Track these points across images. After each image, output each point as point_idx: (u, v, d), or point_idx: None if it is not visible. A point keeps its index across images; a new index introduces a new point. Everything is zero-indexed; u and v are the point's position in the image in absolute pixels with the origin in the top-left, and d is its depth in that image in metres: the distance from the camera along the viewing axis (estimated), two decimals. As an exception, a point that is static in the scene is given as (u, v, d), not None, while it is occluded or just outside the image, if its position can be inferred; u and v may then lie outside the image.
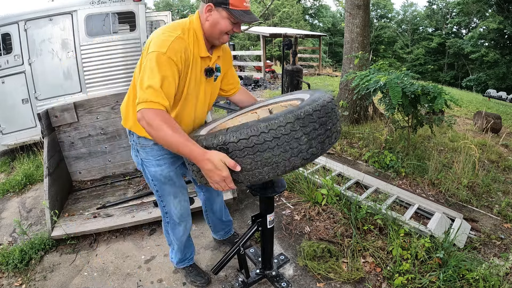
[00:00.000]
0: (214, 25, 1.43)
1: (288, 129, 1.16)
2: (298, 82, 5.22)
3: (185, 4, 46.89)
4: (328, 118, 1.28)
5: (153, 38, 1.39)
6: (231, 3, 1.37)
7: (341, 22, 33.33)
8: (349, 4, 5.13)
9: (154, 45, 1.35)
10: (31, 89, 4.60)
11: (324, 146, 1.27)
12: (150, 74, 1.30)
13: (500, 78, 23.70)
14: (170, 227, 1.83)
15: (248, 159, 1.17)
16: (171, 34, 1.38)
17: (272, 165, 1.18)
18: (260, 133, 1.15)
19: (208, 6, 1.40)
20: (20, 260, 2.21)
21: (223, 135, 1.20)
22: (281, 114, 1.19)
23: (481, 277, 1.89)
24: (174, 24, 1.45)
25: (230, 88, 1.79)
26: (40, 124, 2.86)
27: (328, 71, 16.50)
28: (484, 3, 22.94)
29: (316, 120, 1.22)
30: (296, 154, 1.19)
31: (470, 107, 8.75)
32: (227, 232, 2.31)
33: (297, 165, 1.22)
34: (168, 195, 1.71)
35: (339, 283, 1.99)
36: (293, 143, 1.17)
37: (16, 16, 4.36)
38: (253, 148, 1.16)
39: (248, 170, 1.20)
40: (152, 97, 1.27)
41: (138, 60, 1.51)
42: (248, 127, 1.17)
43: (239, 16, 1.39)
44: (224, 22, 1.42)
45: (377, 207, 2.59)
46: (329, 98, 1.34)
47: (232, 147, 1.18)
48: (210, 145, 1.23)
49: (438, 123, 3.52)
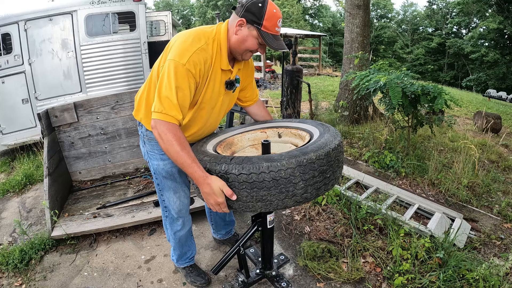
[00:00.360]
0: (242, 41, 1.42)
1: (288, 173, 1.19)
2: (298, 82, 5.21)
3: (185, 4, 46.87)
4: (329, 166, 1.30)
5: (177, 41, 1.39)
6: (264, 25, 1.36)
7: (341, 22, 33.32)
8: (349, 4, 5.13)
9: (176, 53, 1.34)
10: (31, 89, 4.60)
11: (319, 192, 1.30)
12: (168, 83, 1.32)
13: (500, 78, 23.70)
14: (168, 222, 1.84)
15: (245, 192, 1.23)
16: (194, 44, 1.37)
17: (266, 202, 1.24)
18: (260, 172, 1.19)
19: (240, 20, 1.39)
20: (20, 260, 2.21)
21: (227, 165, 1.25)
22: (285, 157, 1.21)
23: (481, 277, 1.89)
24: (200, 32, 1.43)
25: (247, 99, 1.80)
26: (40, 124, 2.86)
27: (328, 71, 16.50)
28: (484, 3, 22.94)
29: (317, 168, 1.24)
30: (290, 196, 1.23)
31: (470, 107, 8.75)
32: (228, 233, 2.30)
33: (289, 206, 1.28)
34: (168, 189, 1.72)
35: (339, 283, 1.99)
36: (290, 187, 1.22)
37: (16, 16, 4.37)
38: (251, 184, 1.21)
39: (242, 201, 1.27)
40: (167, 109, 1.32)
41: (138, 60, 1.52)
42: (251, 163, 1.21)
43: (268, 40, 1.38)
44: (252, 41, 1.42)
45: (377, 207, 2.59)
46: (335, 145, 1.34)
47: (232, 178, 1.23)
48: (212, 170, 1.29)
49: (438, 123, 3.51)
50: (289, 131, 1.70)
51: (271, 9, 1.37)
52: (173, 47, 1.38)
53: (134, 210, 2.63)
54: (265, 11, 1.35)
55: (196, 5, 40.42)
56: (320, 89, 9.84)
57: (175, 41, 1.40)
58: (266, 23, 1.36)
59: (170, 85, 1.32)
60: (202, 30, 1.45)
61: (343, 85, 5.35)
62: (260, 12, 1.35)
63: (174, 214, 1.79)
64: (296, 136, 1.67)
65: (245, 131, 1.76)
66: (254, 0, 1.37)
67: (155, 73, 1.48)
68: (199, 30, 1.45)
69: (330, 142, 1.34)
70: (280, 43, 1.42)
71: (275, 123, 1.77)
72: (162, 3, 44.22)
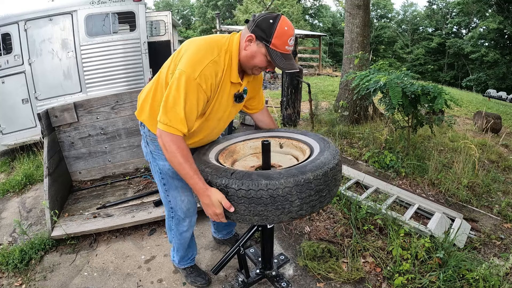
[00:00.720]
0: (251, 57, 1.40)
1: (285, 192, 1.23)
2: (298, 82, 5.22)
3: (185, 4, 46.86)
4: (326, 186, 1.33)
5: (190, 50, 1.36)
6: (273, 43, 1.33)
7: (341, 22, 33.31)
8: (349, 4, 5.13)
9: (188, 64, 1.32)
10: (31, 89, 4.60)
11: (314, 209, 1.34)
12: (176, 95, 1.31)
13: (500, 78, 23.70)
14: (174, 223, 1.81)
15: (243, 206, 1.28)
16: (207, 55, 1.34)
17: (262, 217, 1.28)
18: (259, 189, 1.22)
19: (250, 36, 1.36)
20: (20, 260, 2.21)
21: (227, 179, 1.28)
22: (283, 175, 1.24)
23: (481, 277, 1.89)
24: (214, 41, 1.40)
25: (253, 107, 1.80)
26: (40, 124, 2.86)
27: (328, 71, 16.51)
28: (484, 3, 22.93)
29: (313, 187, 1.28)
30: (285, 213, 1.27)
31: (470, 107, 8.75)
32: (229, 233, 2.30)
33: (284, 221, 1.33)
34: (175, 189, 1.68)
35: (339, 283, 1.99)
36: (286, 204, 1.25)
37: (16, 16, 4.37)
38: (249, 199, 1.25)
39: (240, 214, 1.31)
40: (173, 122, 1.32)
41: (138, 60, 1.52)
42: (251, 179, 1.24)
43: (275, 59, 1.35)
44: (261, 58, 1.39)
45: (377, 207, 2.59)
46: (334, 164, 1.35)
47: (232, 192, 1.27)
48: (213, 183, 1.33)
49: (438, 123, 3.51)
50: (290, 142, 1.71)
51: (283, 26, 1.32)
52: (185, 55, 1.35)
53: (134, 210, 2.63)
54: (275, 29, 1.31)
55: (196, 5, 40.42)
56: (320, 89, 9.84)
57: (187, 49, 1.38)
58: (275, 41, 1.32)
59: (179, 97, 1.30)
60: (216, 40, 1.42)
61: (343, 85, 5.35)
62: (270, 29, 1.32)
63: (181, 214, 1.75)
64: (297, 149, 1.68)
65: (248, 139, 1.76)
66: (266, 16, 1.34)
67: (163, 76, 1.46)
68: (213, 39, 1.42)
69: (329, 161, 1.35)
70: (289, 63, 1.37)
71: (277, 132, 1.78)
72: (162, 3, 44.21)
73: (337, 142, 4.35)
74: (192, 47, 1.38)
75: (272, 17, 1.33)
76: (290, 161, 1.65)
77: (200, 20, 38.72)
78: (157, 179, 1.72)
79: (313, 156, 1.43)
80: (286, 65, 1.36)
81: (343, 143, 4.43)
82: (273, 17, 1.33)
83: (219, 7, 36.07)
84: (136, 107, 1.68)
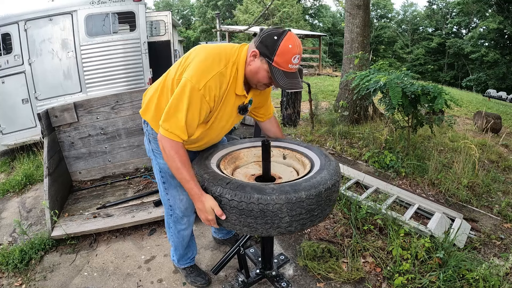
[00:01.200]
0: (254, 73, 1.40)
1: (275, 208, 1.24)
2: (298, 82, 5.21)
3: (185, 4, 46.87)
4: (318, 206, 1.32)
5: (197, 58, 1.36)
6: (275, 61, 1.32)
7: (341, 22, 33.31)
8: (349, 4, 5.13)
9: (194, 73, 1.32)
10: (31, 89, 4.61)
11: (304, 227, 1.34)
12: (179, 103, 1.32)
13: (500, 78, 23.70)
14: (172, 220, 1.82)
15: (234, 216, 1.31)
16: (214, 66, 1.34)
17: (251, 228, 1.31)
18: (250, 202, 1.24)
19: (254, 51, 1.36)
20: (20, 260, 2.21)
21: (222, 188, 1.31)
22: (276, 191, 1.25)
23: (481, 277, 1.89)
24: (223, 51, 1.40)
25: (261, 115, 1.79)
26: (40, 124, 2.86)
27: (328, 71, 16.51)
28: (484, 3, 22.93)
29: (305, 207, 1.27)
30: (274, 228, 1.29)
31: (470, 107, 8.76)
32: (229, 232, 2.30)
33: (272, 235, 1.37)
34: (174, 188, 1.69)
35: (339, 283, 1.99)
36: (276, 219, 1.26)
37: (16, 16, 4.37)
38: (240, 210, 1.27)
39: (231, 223, 1.34)
40: (173, 129, 1.34)
41: (138, 60, 1.52)
42: (244, 192, 1.26)
43: (277, 77, 1.34)
44: (263, 74, 1.38)
45: (377, 207, 2.59)
46: (330, 185, 1.35)
47: (225, 201, 1.30)
48: (209, 190, 1.36)
49: (438, 123, 3.52)
50: (294, 154, 1.72)
51: (287, 44, 1.30)
52: (193, 63, 1.35)
53: (134, 210, 2.63)
54: (279, 46, 1.30)
55: (196, 5, 40.40)
56: (320, 89, 9.84)
57: (195, 56, 1.38)
58: (278, 59, 1.31)
59: (181, 106, 1.32)
60: (225, 50, 1.41)
61: (343, 85, 5.35)
62: (274, 46, 1.30)
63: (180, 213, 1.77)
64: (299, 162, 1.69)
65: (252, 146, 1.77)
66: (272, 31, 1.33)
67: (169, 79, 1.46)
68: (223, 49, 1.41)
69: (325, 181, 1.33)
70: (291, 82, 1.35)
71: (283, 143, 1.79)
72: (162, 3, 44.21)
73: (337, 142, 4.36)
74: (201, 55, 1.37)
75: (277, 33, 1.32)
76: (290, 173, 1.65)
77: (200, 20, 38.71)
78: (157, 177, 1.74)
79: (311, 174, 1.43)
80: (288, 84, 1.35)
81: (343, 143, 4.43)
82: (278, 33, 1.32)
83: (219, 7, 36.07)
84: (137, 106, 1.69)
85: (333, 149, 4.23)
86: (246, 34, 22.80)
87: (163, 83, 1.53)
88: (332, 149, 4.23)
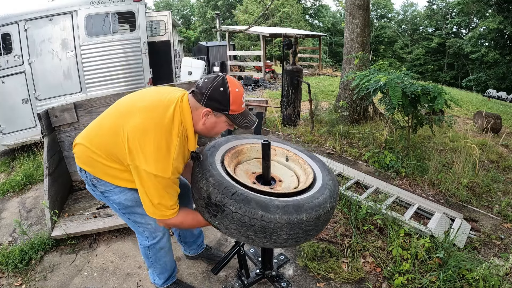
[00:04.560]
0: (212, 128, 1.43)
1: (276, 227, 1.28)
2: (298, 82, 5.22)
3: (185, 4, 46.87)
4: (315, 227, 1.37)
5: (148, 147, 1.29)
6: (232, 109, 1.35)
7: (341, 22, 33.30)
8: (349, 4, 5.13)
9: (155, 166, 1.29)
10: (31, 89, 4.60)
11: (298, 243, 1.39)
12: (157, 192, 1.34)
13: (500, 78, 23.69)
14: (152, 250, 1.69)
15: (234, 225, 1.32)
16: (169, 147, 1.31)
17: (249, 239, 1.34)
18: (253, 218, 1.27)
19: (206, 111, 1.36)
20: (20, 260, 2.21)
21: (227, 198, 1.30)
22: (280, 211, 1.27)
23: (481, 277, 1.89)
24: (164, 128, 1.32)
25: None
26: (40, 124, 2.86)
27: (328, 71, 16.50)
28: (484, 3, 22.92)
29: (303, 227, 1.32)
30: (271, 242, 1.34)
31: (470, 107, 8.75)
32: (200, 246, 2.16)
33: (267, 247, 1.43)
34: (142, 218, 1.59)
35: (339, 283, 1.99)
36: (274, 235, 1.31)
37: (16, 16, 4.37)
38: (242, 223, 1.30)
39: (229, 231, 1.36)
40: (166, 212, 1.39)
41: (138, 60, 1.50)
42: (249, 206, 1.27)
43: (238, 122, 1.39)
44: (221, 125, 1.43)
45: (377, 207, 2.59)
46: (329, 208, 1.39)
47: (228, 211, 1.31)
48: (212, 198, 1.33)
49: (438, 123, 3.52)
50: (297, 159, 1.72)
51: (233, 89, 1.33)
52: (147, 154, 1.29)
53: (134, 210, 2.63)
54: (229, 96, 1.32)
55: (196, 5, 40.39)
56: (320, 89, 9.84)
57: (143, 144, 1.30)
58: (233, 107, 1.35)
59: (161, 193, 1.34)
60: (167, 127, 1.33)
61: (343, 85, 5.35)
62: (225, 99, 1.33)
63: (160, 234, 1.66)
64: (301, 168, 1.69)
65: (257, 143, 1.77)
66: (214, 86, 1.33)
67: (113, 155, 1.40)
68: (165, 127, 1.33)
69: (326, 203, 1.38)
70: (248, 120, 1.41)
71: (287, 146, 1.79)
72: (162, 3, 44.20)
73: (337, 142, 4.36)
74: (149, 143, 1.30)
75: (219, 84, 1.33)
76: (291, 178, 1.65)
77: (200, 20, 38.71)
78: (119, 214, 1.64)
79: (313, 191, 1.44)
80: (247, 122, 1.41)
81: (343, 143, 4.43)
82: (219, 83, 1.33)
83: (219, 7, 36.06)
84: None
85: (333, 149, 4.23)
86: (246, 34, 22.80)
87: (101, 154, 1.42)
88: (332, 149, 4.23)
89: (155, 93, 1.48)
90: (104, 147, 1.42)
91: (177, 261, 2.17)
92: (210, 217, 1.39)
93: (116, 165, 1.43)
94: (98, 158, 1.44)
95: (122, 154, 1.37)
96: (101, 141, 1.43)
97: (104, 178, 1.48)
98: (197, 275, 2.09)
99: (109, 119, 1.47)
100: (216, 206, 1.33)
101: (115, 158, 1.40)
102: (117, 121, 1.39)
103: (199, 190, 1.39)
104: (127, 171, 1.42)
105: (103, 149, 1.42)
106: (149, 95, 1.48)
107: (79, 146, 1.51)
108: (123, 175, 1.45)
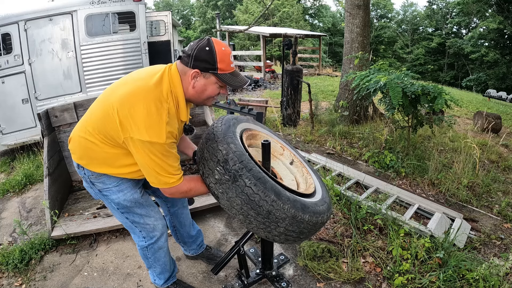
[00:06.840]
0: (202, 91, 1.39)
1: (280, 217, 1.26)
2: (298, 82, 5.22)
3: (185, 4, 46.87)
4: (308, 231, 1.38)
5: (139, 115, 1.27)
6: (220, 68, 1.33)
7: (341, 22, 33.31)
8: (349, 4, 5.13)
9: (148, 132, 1.27)
10: (31, 89, 4.60)
11: (287, 241, 1.40)
12: (159, 161, 1.32)
13: (500, 78, 23.69)
14: (150, 250, 1.70)
15: (239, 200, 1.27)
16: (160, 113, 1.29)
17: (246, 219, 1.30)
18: (264, 199, 1.24)
19: (194, 72, 1.33)
20: (20, 260, 2.21)
21: (245, 171, 1.26)
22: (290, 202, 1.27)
23: (481, 277, 1.89)
24: (155, 94, 1.31)
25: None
26: (40, 124, 2.86)
27: (328, 71, 16.50)
28: (484, 3, 22.91)
29: (300, 227, 1.33)
30: (266, 230, 1.32)
31: (470, 107, 8.75)
32: (200, 246, 2.16)
33: (259, 235, 1.37)
34: (140, 218, 1.61)
35: (339, 283, 1.99)
36: (272, 225, 1.29)
37: (16, 16, 4.37)
38: (249, 200, 1.25)
39: (229, 202, 1.30)
40: (170, 179, 1.37)
41: (138, 60, 1.49)
42: (264, 186, 1.25)
43: (228, 80, 1.36)
44: (212, 87, 1.39)
45: (377, 207, 2.59)
46: (326, 219, 1.42)
47: (241, 183, 1.26)
48: (229, 163, 1.28)
49: (438, 123, 3.52)
50: (301, 166, 1.72)
51: (219, 48, 1.32)
52: (138, 122, 1.28)
53: (134, 210, 2.63)
54: (215, 54, 1.31)
55: (196, 5, 40.40)
56: (320, 89, 9.84)
57: (133, 113, 1.28)
58: (221, 65, 1.32)
59: (160, 159, 1.32)
60: (155, 92, 1.32)
61: (343, 85, 5.35)
62: (212, 57, 1.31)
63: (158, 234, 1.68)
64: (302, 176, 1.68)
65: (270, 136, 1.76)
66: (199, 47, 1.32)
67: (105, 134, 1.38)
68: (153, 93, 1.32)
69: (323, 214, 1.40)
70: (240, 79, 1.39)
71: (295, 152, 1.79)
72: (162, 3, 44.21)
73: (337, 142, 4.36)
74: (139, 110, 1.29)
75: (204, 44, 1.32)
76: (291, 182, 1.65)
77: (200, 20, 38.73)
78: (117, 215, 1.62)
79: (316, 199, 1.45)
80: (239, 82, 1.39)
81: (343, 143, 4.43)
82: (205, 43, 1.32)
83: (219, 7, 36.07)
84: None
85: (333, 149, 4.23)
86: (246, 34, 22.80)
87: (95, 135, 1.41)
88: (332, 149, 4.23)
89: (142, 69, 1.49)
90: (97, 128, 1.39)
91: (177, 261, 2.17)
92: (215, 183, 1.32)
93: (111, 149, 1.41)
94: (92, 146, 1.42)
95: (116, 131, 1.34)
96: (94, 125, 1.41)
97: (101, 170, 1.46)
98: (197, 275, 2.09)
99: (98, 104, 1.46)
100: (230, 172, 1.27)
101: (110, 138, 1.38)
102: (106, 102, 1.38)
103: (215, 151, 1.32)
104: (123, 155, 1.41)
105: (96, 130, 1.39)
106: (136, 72, 1.49)
107: (73, 140, 1.50)
108: (119, 161, 1.43)
